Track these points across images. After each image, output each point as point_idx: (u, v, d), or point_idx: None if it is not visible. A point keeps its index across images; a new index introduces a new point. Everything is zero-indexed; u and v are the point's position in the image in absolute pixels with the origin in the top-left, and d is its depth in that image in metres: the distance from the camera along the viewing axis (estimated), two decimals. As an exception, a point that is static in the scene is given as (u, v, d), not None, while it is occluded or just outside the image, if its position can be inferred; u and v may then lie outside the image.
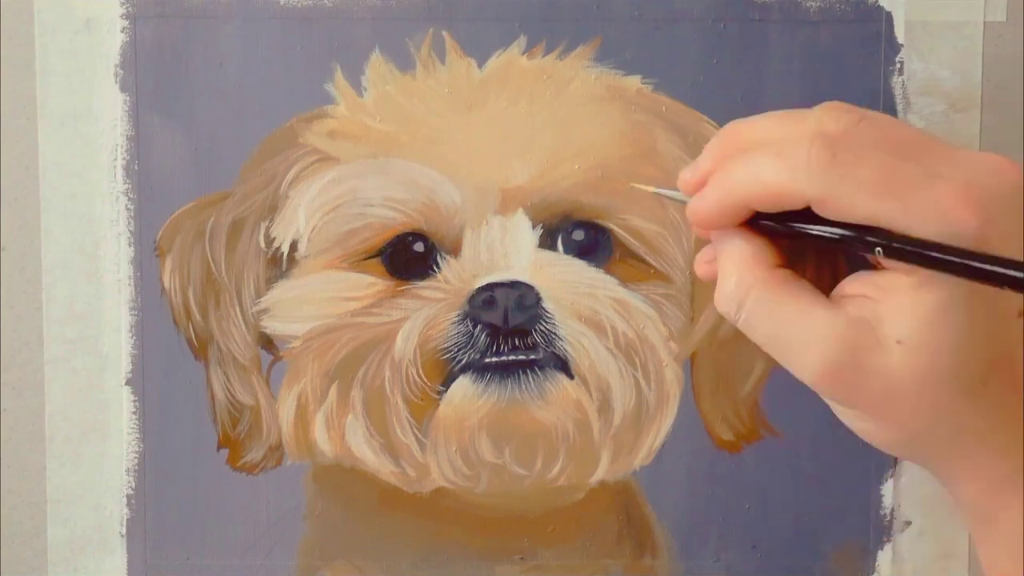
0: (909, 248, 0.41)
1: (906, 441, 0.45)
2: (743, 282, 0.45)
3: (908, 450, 0.46)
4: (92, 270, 0.59)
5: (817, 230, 0.43)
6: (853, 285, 0.44)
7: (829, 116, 0.43)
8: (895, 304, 0.43)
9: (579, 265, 0.58)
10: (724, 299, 0.46)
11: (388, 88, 0.58)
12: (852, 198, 0.42)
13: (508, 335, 0.57)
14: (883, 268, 0.43)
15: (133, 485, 0.60)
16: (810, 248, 0.46)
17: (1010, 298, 0.42)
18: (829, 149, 0.42)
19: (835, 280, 0.46)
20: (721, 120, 0.58)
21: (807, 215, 0.43)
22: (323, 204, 0.58)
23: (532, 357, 0.57)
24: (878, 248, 0.41)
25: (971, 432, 0.44)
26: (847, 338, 0.43)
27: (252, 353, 0.59)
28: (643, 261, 0.58)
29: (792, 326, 0.44)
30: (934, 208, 0.41)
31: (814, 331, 0.44)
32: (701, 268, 0.49)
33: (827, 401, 0.46)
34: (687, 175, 0.46)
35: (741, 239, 0.45)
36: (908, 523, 0.60)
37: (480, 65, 0.58)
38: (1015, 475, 0.44)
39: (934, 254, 0.41)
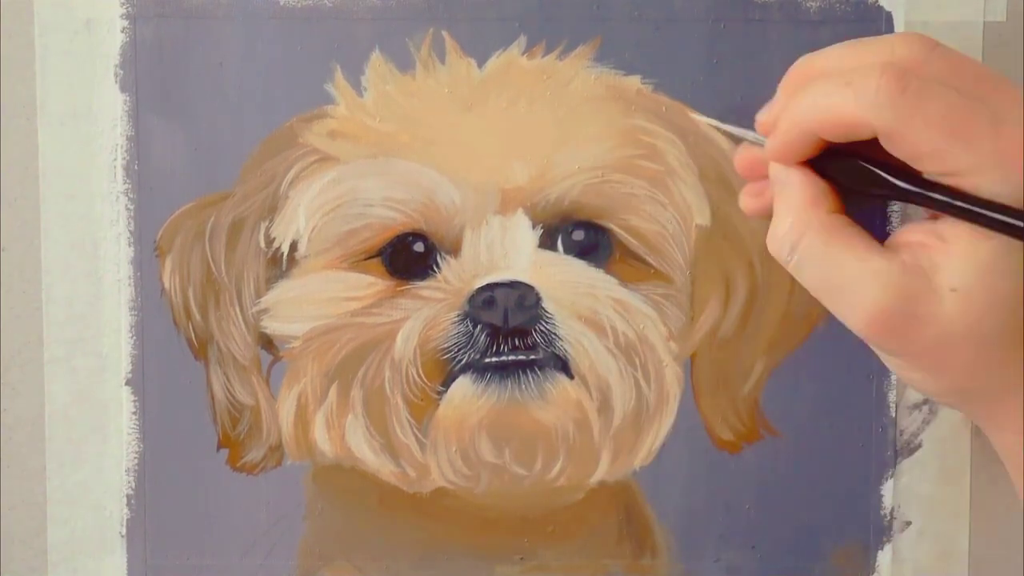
0: (970, 208, 0.41)
1: (954, 390, 0.45)
2: (799, 223, 0.45)
3: (955, 398, 0.46)
4: (92, 270, 0.59)
5: (882, 177, 0.43)
6: (910, 233, 0.44)
7: (902, 44, 0.43)
8: (951, 252, 0.42)
9: (579, 265, 0.58)
10: (778, 240, 0.46)
11: (388, 88, 0.58)
12: (919, 132, 0.41)
13: (508, 335, 0.57)
14: (941, 218, 0.43)
15: (133, 485, 0.60)
16: (869, 196, 0.46)
17: None
18: (900, 80, 0.42)
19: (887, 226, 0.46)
20: (721, 120, 0.58)
21: (872, 153, 0.43)
22: (323, 204, 0.58)
23: (532, 357, 0.57)
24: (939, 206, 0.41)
25: (1019, 383, 0.44)
26: (901, 285, 0.43)
27: (252, 353, 0.59)
28: (643, 261, 0.58)
29: (845, 271, 0.44)
30: (996, 157, 0.41)
31: (867, 277, 0.43)
32: (747, 202, 0.48)
33: (875, 349, 0.46)
34: (762, 116, 0.46)
35: (800, 179, 0.45)
36: (908, 523, 0.60)
37: (480, 65, 0.58)
38: None
39: (995, 215, 0.41)
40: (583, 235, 0.58)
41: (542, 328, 0.57)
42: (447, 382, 0.57)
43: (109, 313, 0.59)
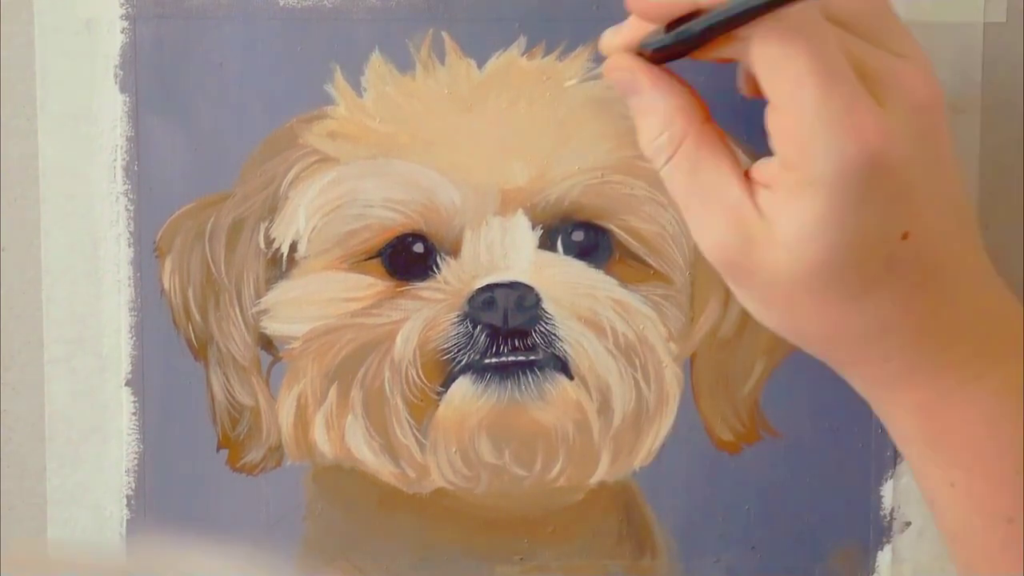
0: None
1: (790, 332, 0.47)
2: (674, 135, 0.46)
3: (795, 341, 0.48)
4: (92, 270, 0.59)
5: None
6: (760, 170, 0.45)
7: None
8: (785, 204, 0.44)
9: (579, 266, 0.58)
10: (651, 148, 0.47)
11: (388, 89, 0.58)
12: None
13: (508, 336, 0.57)
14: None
15: (133, 485, 0.60)
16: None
17: (898, 218, 0.44)
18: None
19: None
20: (721, 120, 0.58)
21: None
22: (323, 205, 0.58)
23: (532, 358, 0.57)
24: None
25: (853, 335, 0.46)
26: (746, 224, 0.45)
27: (252, 354, 0.59)
28: (643, 262, 0.58)
29: (707, 193, 0.46)
30: None
31: (720, 209, 0.45)
32: (612, 73, 0.49)
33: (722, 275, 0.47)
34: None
35: (668, 92, 0.47)
36: (908, 523, 0.60)
37: (480, 66, 0.58)
38: (897, 379, 0.47)
39: None
40: (583, 236, 0.58)
41: (542, 329, 0.57)
42: (447, 383, 0.57)
43: (109, 313, 0.59)
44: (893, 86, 0.44)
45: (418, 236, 0.58)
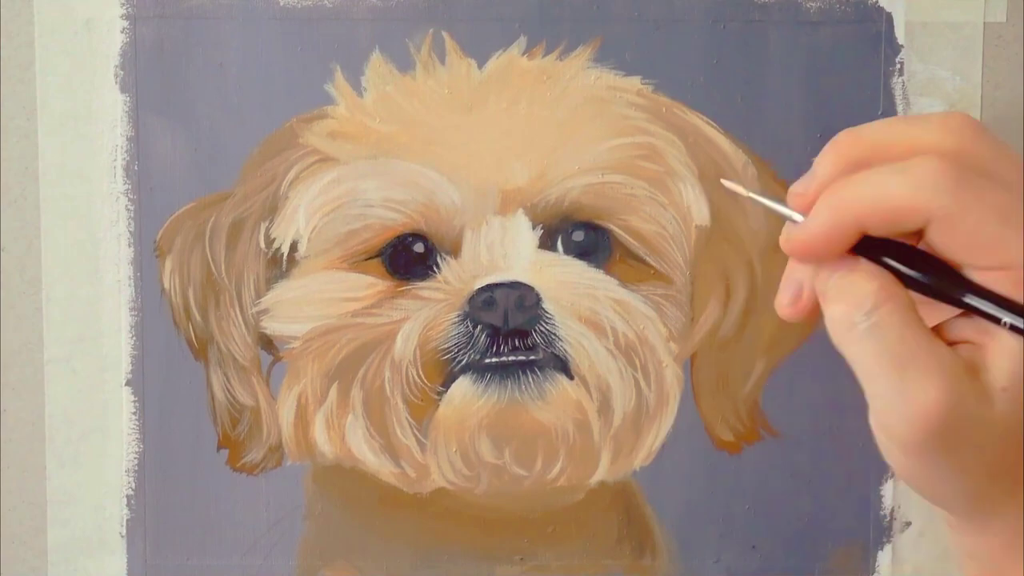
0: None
1: (969, 491, 0.43)
2: (885, 289, 0.42)
3: (962, 501, 0.44)
4: (92, 270, 0.59)
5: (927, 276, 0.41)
6: (957, 328, 0.43)
7: (952, 128, 0.42)
8: (999, 349, 0.41)
9: (579, 266, 0.58)
10: (854, 301, 0.42)
11: (388, 89, 0.58)
12: (977, 222, 0.40)
13: (508, 336, 0.57)
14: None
15: (133, 485, 0.60)
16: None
17: None
18: (958, 169, 0.40)
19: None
20: (721, 120, 0.58)
21: (907, 252, 0.42)
22: (323, 205, 0.58)
23: (532, 358, 0.57)
24: (1002, 320, 0.40)
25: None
26: (964, 380, 0.41)
27: (252, 354, 0.59)
28: (643, 262, 0.58)
29: (917, 352, 0.41)
30: None
31: (936, 365, 0.41)
32: (786, 310, 0.45)
33: (900, 449, 0.43)
34: (800, 188, 0.43)
35: (868, 263, 0.42)
36: (908, 523, 0.60)
37: (480, 66, 0.58)
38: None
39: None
40: (583, 236, 0.58)
41: (542, 329, 0.57)
42: (447, 382, 0.57)
43: (109, 313, 0.59)
44: None
45: (418, 236, 0.58)
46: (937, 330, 0.43)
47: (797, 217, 0.42)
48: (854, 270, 0.42)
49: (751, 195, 0.45)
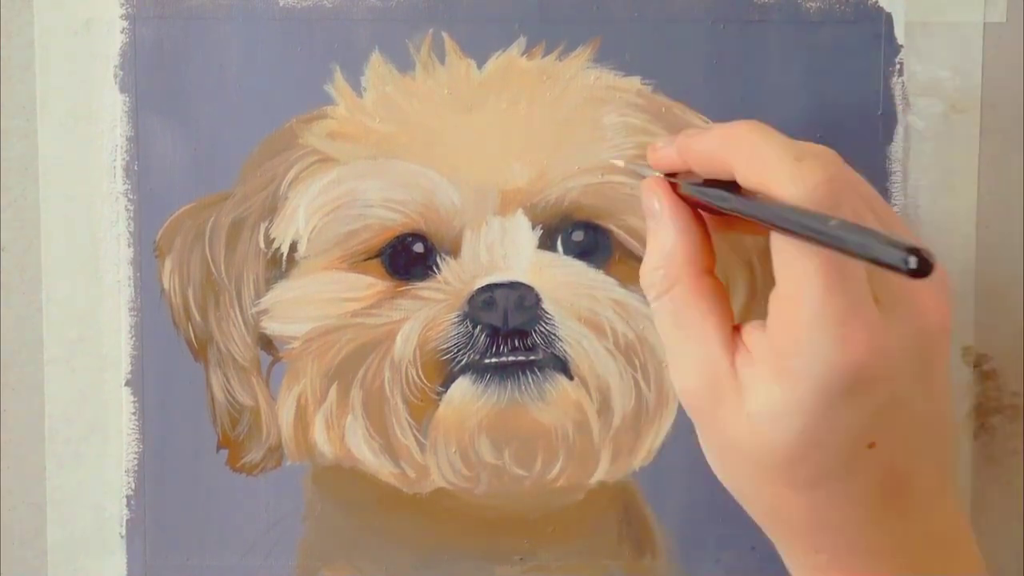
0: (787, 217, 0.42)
1: (735, 492, 0.47)
2: (670, 275, 0.46)
3: (738, 499, 0.48)
4: (92, 270, 0.59)
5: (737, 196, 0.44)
6: (752, 335, 0.45)
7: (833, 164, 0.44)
8: (761, 381, 0.43)
9: (579, 266, 0.58)
10: (646, 279, 0.47)
11: (388, 89, 0.58)
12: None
13: (508, 336, 0.57)
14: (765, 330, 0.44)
15: (133, 485, 0.60)
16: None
17: (868, 428, 0.43)
18: (835, 196, 0.42)
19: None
20: (721, 120, 0.58)
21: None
22: (323, 205, 0.58)
23: (532, 358, 0.57)
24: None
25: (793, 519, 0.46)
26: (718, 383, 0.45)
27: (252, 354, 0.59)
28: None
29: (687, 341, 0.46)
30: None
31: (697, 361, 0.45)
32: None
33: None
34: (661, 143, 0.49)
35: (679, 230, 0.47)
36: (908, 524, 0.60)
37: (480, 66, 0.58)
38: (821, 571, 0.46)
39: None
40: (583, 236, 0.58)
41: (542, 329, 0.57)
42: (447, 383, 0.57)
43: (109, 313, 0.59)
44: (904, 300, 0.44)
45: (418, 236, 0.58)
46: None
47: (656, 173, 0.49)
48: (660, 239, 0.47)
49: (625, 164, 0.55)
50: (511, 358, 0.57)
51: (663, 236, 0.47)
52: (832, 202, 0.41)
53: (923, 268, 0.37)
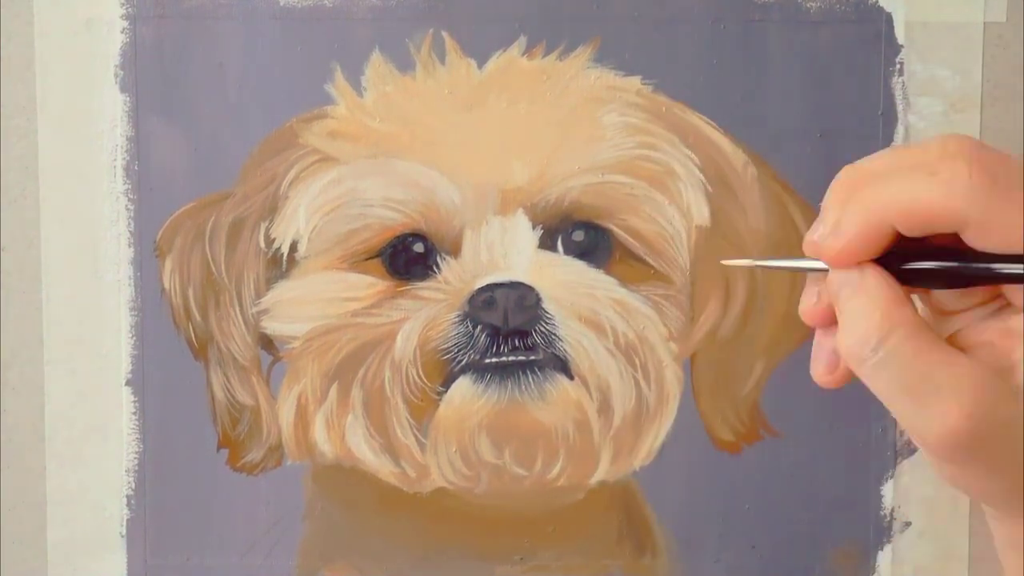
0: None
1: (1008, 487, 0.42)
2: (888, 319, 0.41)
3: (1003, 496, 0.43)
4: (92, 270, 0.59)
5: (1004, 269, 0.40)
6: (977, 333, 0.42)
7: (953, 143, 0.41)
8: None
9: (579, 266, 0.58)
10: (859, 335, 0.41)
11: (388, 89, 0.58)
12: (1014, 220, 0.39)
13: (508, 336, 0.57)
14: (1007, 313, 0.41)
15: (133, 485, 0.60)
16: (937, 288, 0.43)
17: None
18: (990, 170, 0.40)
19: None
20: (721, 120, 0.58)
21: (938, 249, 0.41)
22: (323, 204, 0.58)
23: (532, 358, 0.57)
24: None
25: None
26: (989, 389, 0.40)
27: (252, 353, 0.59)
28: (643, 262, 0.58)
29: (933, 374, 0.41)
30: None
31: (955, 381, 0.40)
32: (824, 378, 0.44)
33: (936, 460, 0.42)
34: (812, 235, 0.42)
35: (879, 277, 0.42)
36: (908, 523, 0.60)
37: (480, 66, 0.58)
38: None
39: None
40: (583, 236, 0.58)
41: (542, 329, 0.57)
42: (447, 382, 0.57)
43: (109, 313, 0.59)
44: None
45: (418, 236, 0.58)
46: (956, 339, 0.42)
47: (820, 265, 0.42)
48: (858, 292, 0.42)
49: (759, 263, 0.45)
50: (511, 358, 0.57)
51: (864, 291, 0.42)
52: None
53: None
